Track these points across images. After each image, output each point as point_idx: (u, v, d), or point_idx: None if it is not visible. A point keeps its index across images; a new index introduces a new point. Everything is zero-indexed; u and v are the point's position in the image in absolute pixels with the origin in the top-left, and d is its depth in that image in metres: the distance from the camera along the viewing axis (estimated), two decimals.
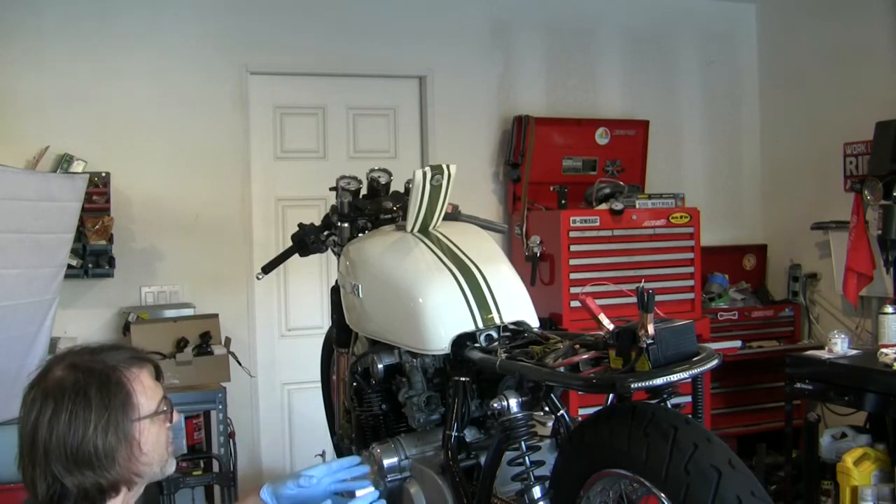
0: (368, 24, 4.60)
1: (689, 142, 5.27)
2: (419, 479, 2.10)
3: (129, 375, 1.59)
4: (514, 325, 2.09)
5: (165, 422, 1.64)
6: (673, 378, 1.55)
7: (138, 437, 1.58)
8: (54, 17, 4.09)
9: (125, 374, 1.59)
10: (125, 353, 1.65)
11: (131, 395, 1.58)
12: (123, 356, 1.63)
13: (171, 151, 4.27)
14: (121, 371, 1.58)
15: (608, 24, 5.08)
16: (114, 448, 1.53)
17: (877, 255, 4.18)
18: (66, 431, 1.51)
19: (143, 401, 1.60)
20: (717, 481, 1.44)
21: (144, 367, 1.65)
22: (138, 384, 1.60)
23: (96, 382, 1.54)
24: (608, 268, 4.26)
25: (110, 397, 1.54)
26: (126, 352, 1.66)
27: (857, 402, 3.52)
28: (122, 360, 1.61)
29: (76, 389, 1.52)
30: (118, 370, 1.58)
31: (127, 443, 1.56)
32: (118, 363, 1.60)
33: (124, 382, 1.57)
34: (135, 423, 1.57)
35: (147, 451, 1.60)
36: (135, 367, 1.62)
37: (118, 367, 1.59)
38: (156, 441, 1.62)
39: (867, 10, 4.57)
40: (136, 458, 1.57)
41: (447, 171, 2.26)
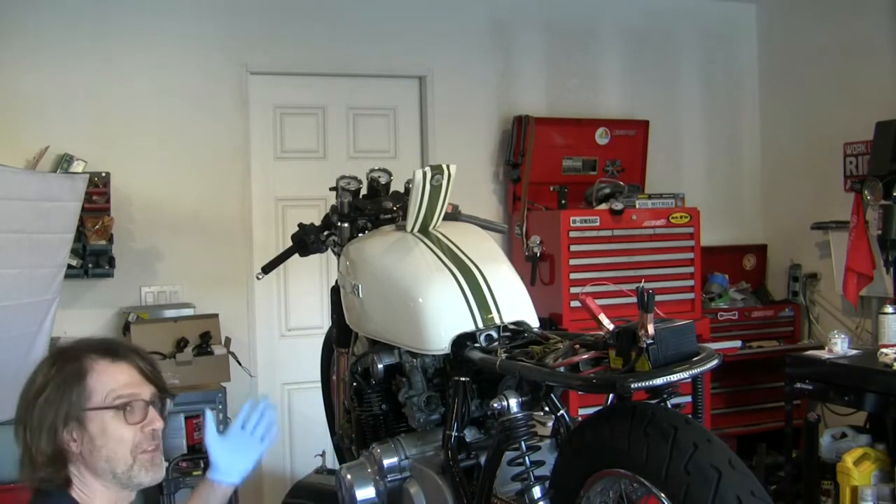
0: (368, 24, 4.60)
1: (689, 142, 5.27)
2: (419, 479, 2.10)
3: (94, 365, 1.64)
4: (514, 325, 2.09)
5: (127, 420, 1.63)
6: (673, 378, 1.55)
7: (89, 425, 1.62)
8: (54, 17, 4.09)
9: (90, 362, 1.64)
10: (107, 345, 1.70)
11: (85, 382, 1.62)
12: (101, 347, 1.68)
13: (171, 151, 4.26)
14: (87, 359, 1.64)
15: (608, 24, 5.08)
16: (63, 426, 1.60)
17: (877, 255, 4.18)
18: (35, 400, 1.62)
19: (99, 391, 1.63)
20: (717, 481, 1.44)
21: (120, 362, 1.67)
22: (101, 375, 1.64)
23: (62, 364, 1.64)
24: (608, 268, 4.26)
25: (67, 379, 1.62)
26: (109, 345, 1.70)
27: (857, 402, 3.52)
28: (97, 349, 1.67)
29: (51, 365, 1.65)
30: (85, 357, 1.64)
31: (79, 428, 1.61)
32: (90, 351, 1.66)
33: (84, 369, 1.63)
34: (86, 411, 1.61)
35: (100, 444, 1.62)
36: (105, 359, 1.66)
37: (87, 354, 1.65)
38: (112, 436, 1.62)
39: (867, 10, 4.57)
40: (89, 447, 1.62)
41: (447, 171, 2.26)
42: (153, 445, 1.67)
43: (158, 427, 1.68)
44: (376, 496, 2.16)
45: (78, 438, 1.62)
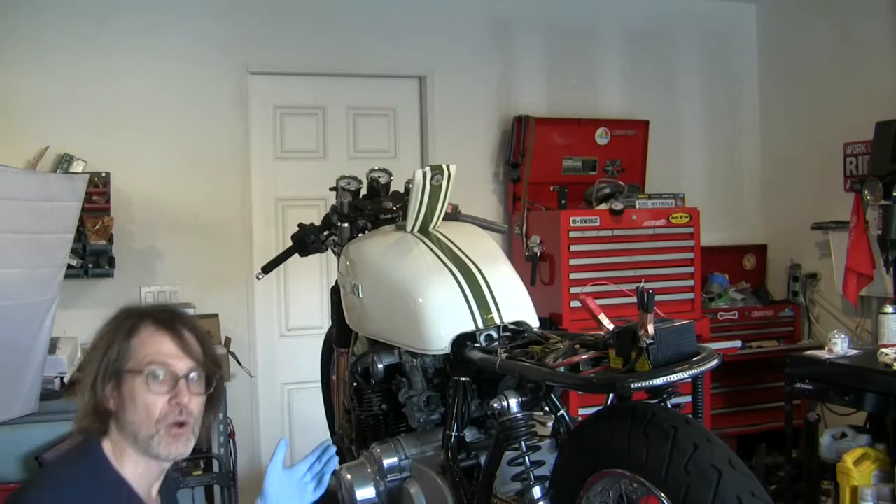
0: (368, 24, 4.60)
1: (689, 142, 5.27)
2: (419, 479, 2.10)
3: (143, 329, 1.70)
4: (514, 325, 2.09)
5: (151, 388, 1.65)
6: (673, 378, 1.55)
7: (123, 386, 1.66)
8: (54, 17, 4.09)
9: (141, 325, 1.70)
10: (162, 312, 1.75)
11: (129, 343, 1.68)
12: (156, 312, 1.74)
13: (171, 151, 4.26)
14: (140, 321, 1.71)
15: (608, 24, 5.08)
16: (103, 381, 1.66)
17: (877, 255, 4.18)
18: (91, 349, 1.74)
19: (137, 355, 1.67)
20: (717, 481, 1.44)
21: (166, 331, 1.71)
22: (145, 339, 1.69)
23: (121, 320, 1.72)
24: (608, 268, 4.26)
25: (116, 336, 1.69)
26: (164, 312, 1.75)
27: (857, 402, 3.52)
28: (152, 314, 1.73)
29: (112, 319, 1.74)
30: (139, 319, 1.71)
31: (116, 386, 1.66)
32: (146, 315, 1.72)
33: (133, 330, 1.69)
34: (122, 371, 1.66)
35: (129, 407, 1.66)
36: (154, 325, 1.71)
37: (142, 317, 1.71)
38: (139, 402, 1.65)
39: (867, 10, 4.57)
40: (121, 407, 1.67)
41: (447, 171, 2.26)
42: (179, 420, 1.68)
43: (186, 402, 1.68)
44: (376, 496, 2.16)
45: (114, 396, 1.67)
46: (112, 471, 1.67)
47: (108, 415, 1.68)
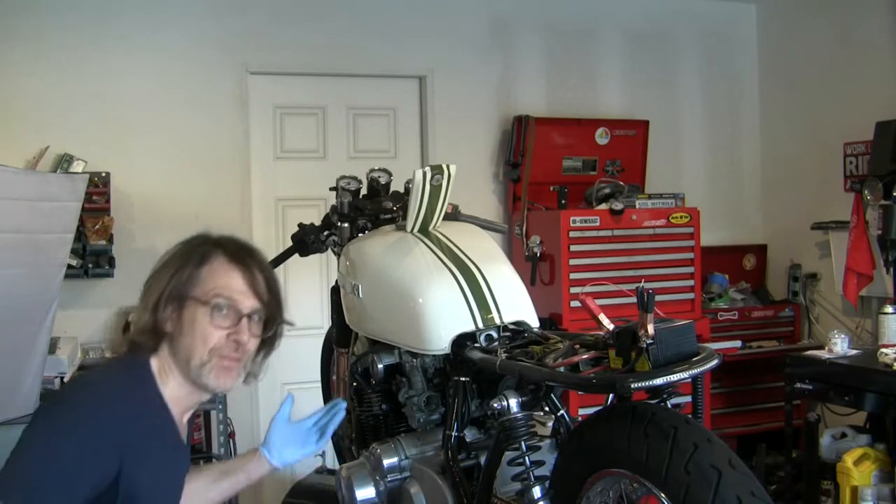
0: (368, 24, 4.60)
1: (689, 142, 5.27)
2: (419, 479, 2.10)
3: (216, 259, 1.71)
4: (514, 325, 2.09)
5: (214, 320, 1.66)
6: (673, 378, 1.54)
7: (184, 311, 1.67)
8: (54, 17, 4.09)
9: (214, 254, 1.71)
10: (239, 247, 1.75)
11: (199, 270, 1.69)
12: (232, 246, 1.75)
13: (171, 151, 4.26)
14: (214, 250, 1.72)
15: (608, 24, 5.08)
16: (165, 302, 1.67)
17: (877, 255, 4.18)
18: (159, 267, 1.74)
19: (205, 284, 1.68)
20: (717, 481, 1.44)
21: (238, 267, 1.71)
22: (215, 270, 1.70)
23: (194, 245, 1.74)
24: (608, 268, 4.26)
25: (187, 260, 1.71)
26: (241, 248, 1.76)
27: (857, 402, 3.52)
28: (227, 246, 1.74)
29: (186, 243, 1.76)
30: (213, 248, 1.72)
31: (177, 310, 1.67)
32: (221, 245, 1.73)
33: (206, 258, 1.70)
34: (186, 297, 1.67)
35: (187, 332, 1.67)
36: (227, 258, 1.71)
37: (217, 247, 1.72)
38: (198, 331, 1.66)
39: (867, 10, 4.57)
40: (178, 330, 1.67)
41: (447, 171, 2.26)
42: (234, 356, 1.69)
43: (244, 340, 1.70)
44: (376, 496, 2.16)
45: (173, 319, 1.68)
46: (155, 388, 1.69)
47: (163, 336, 1.69)
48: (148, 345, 1.70)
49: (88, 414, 1.59)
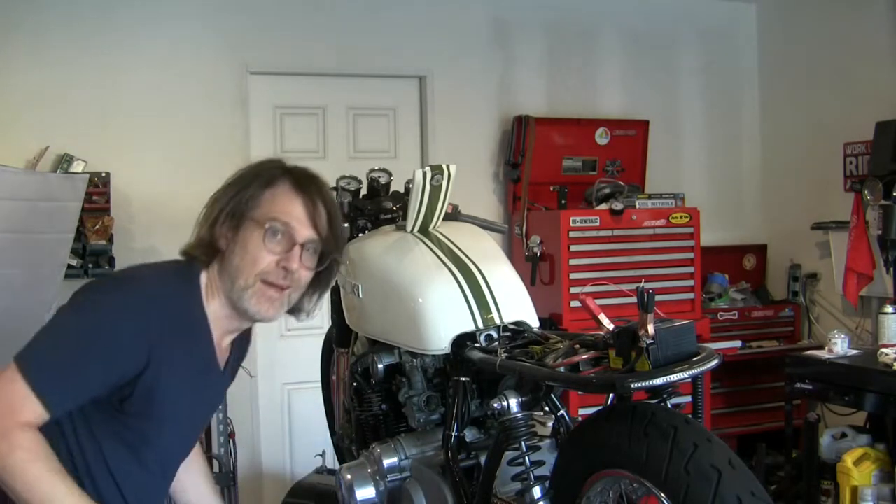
0: (368, 24, 4.60)
1: (689, 142, 5.27)
2: (419, 479, 2.10)
3: (281, 183, 1.70)
4: (514, 325, 2.09)
5: (266, 244, 1.65)
6: (673, 378, 1.54)
7: (240, 231, 1.67)
8: (54, 16, 4.09)
9: (281, 179, 1.70)
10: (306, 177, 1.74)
11: (262, 192, 1.68)
12: (301, 174, 1.73)
13: (172, 151, 4.26)
14: (281, 175, 1.71)
15: (608, 24, 5.08)
16: (223, 219, 1.68)
17: (877, 255, 4.18)
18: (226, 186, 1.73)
19: (265, 207, 1.67)
20: (717, 481, 1.44)
21: (301, 195, 1.70)
22: (278, 195, 1.69)
23: (264, 167, 1.73)
24: (608, 268, 4.26)
25: (252, 181, 1.70)
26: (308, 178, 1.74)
27: (857, 402, 3.52)
28: (295, 174, 1.73)
29: (258, 164, 1.75)
30: (281, 173, 1.71)
31: (233, 228, 1.67)
32: (290, 172, 1.72)
33: (271, 181, 1.69)
34: (244, 217, 1.67)
35: (239, 252, 1.66)
36: (292, 185, 1.70)
37: (286, 173, 1.72)
38: (249, 252, 1.65)
39: (867, 10, 4.57)
40: (231, 249, 1.68)
41: (447, 171, 2.25)
42: (281, 283, 1.68)
43: (293, 269, 1.67)
44: (376, 496, 2.16)
45: (228, 237, 1.68)
46: (199, 301, 1.69)
47: (217, 253, 1.69)
48: (201, 259, 1.70)
49: (131, 299, 1.60)
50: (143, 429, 1.66)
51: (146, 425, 1.65)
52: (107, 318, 1.58)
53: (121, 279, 1.71)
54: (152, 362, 1.58)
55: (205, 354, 1.71)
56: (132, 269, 1.75)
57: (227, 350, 1.81)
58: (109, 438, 1.64)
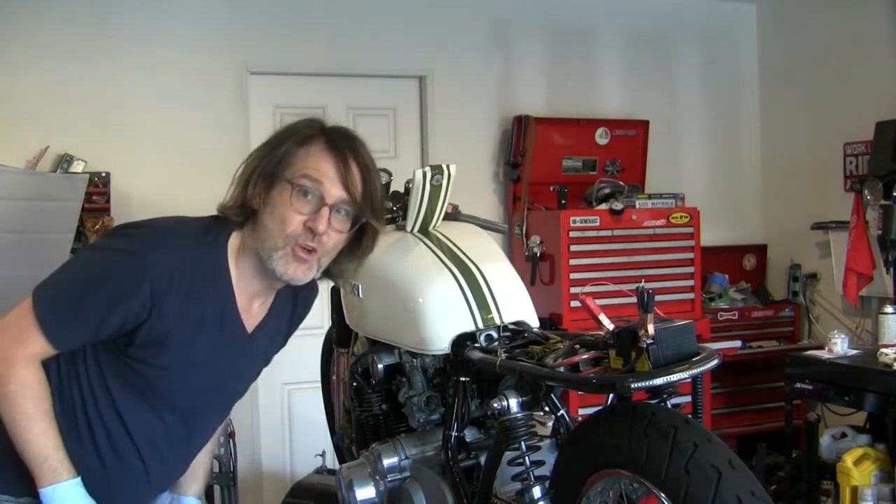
0: (368, 24, 4.60)
1: (689, 142, 5.27)
2: (419, 479, 2.10)
3: (315, 143, 1.65)
4: (514, 325, 2.09)
5: (293, 203, 1.61)
6: (673, 378, 1.54)
7: (272, 190, 1.63)
8: (54, 16, 4.09)
9: (315, 139, 1.66)
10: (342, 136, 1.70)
11: (296, 151, 1.64)
12: (336, 134, 1.69)
13: (172, 151, 4.26)
14: (315, 135, 1.66)
15: (608, 24, 5.08)
16: (255, 180, 1.63)
17: (877, 255, 4.18)
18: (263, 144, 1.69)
19: (296, 166, 1.63)
20: (717, 481, 1.44)
21: (334, 155, 1.65)
22: (311, 154, 1.64)
23: (300, 127, 1.68)
24: (608, 268, 4.26)
25: (286, 140, 1.65)
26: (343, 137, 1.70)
27: (857, 402, 3.52)
28: (330, 133, 1.68)
29: (294, 123, 1.70)
30: (316, 133, 1.67)
31: (266, 189, 1.64)
32: (325, 133, 1.68)
33: (305, 140, 1.65)
34: (279, 179, 1.63)
35: (269, 212, 1.63)
36: (325, 144, 1.66)
37: (321, 133, 1.67)
38: (278, 212, 1.62)
39: (867, 9, 4.57)
40: (264, 210, 1.64)
41: (447, 171, 2.26)
42: (309, 245, 1.64)
43: (321, 230, 1.62)
44: (376, 496, 2.16)
45: (261, 196, 1.64)
46: (222, 259, 1.68)
47: (251, 213, 1.66)
48: (235, 219, 1.68)
49: (140, 245, 1.61)
50: (150, 376, 1.64)
51: (153, 373, 1.64)
52: (113, 260, 1.60)
53: (142, 226, 1.72)
54: (155, 309, 1.58)
55: (223, 312, 1.69)
56: (160, 218, 1.76)
57: (261, 313, 1.79)
58: (119, 383, 1.64)
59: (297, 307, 1.95)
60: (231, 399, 1.94)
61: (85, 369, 1.64)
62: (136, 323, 1.58)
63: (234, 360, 1.78)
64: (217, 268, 1.67)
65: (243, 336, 1.76)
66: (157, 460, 1.73)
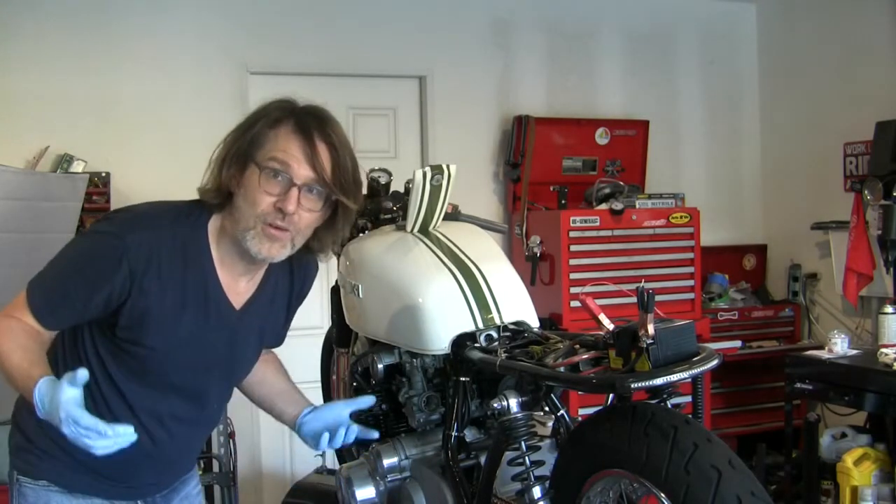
0: (368, 24, 4.60)
1: (689, 142, 5.27)
2: (419, 479, 2.10)
3: (285, 125, 1.69)
4: (514, 325, 2.09)
5: (261, 184, 1.65)
6: (673, 378, 1.54)
7: (245, 172, 1.67)
8: (54, 16, 4.09)
9: (286, 120, 1.70)
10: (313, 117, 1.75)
11: (267, 133, 1.68)
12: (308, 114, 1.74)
13: (171, 151, 4.26)
14: (287, 117, 1.71)
15: (608, 24, 5.08)
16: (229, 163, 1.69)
17: (877, 255, 4.18)
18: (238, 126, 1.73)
19: (267, 148, 1.67)
20: (717, 481, 1.44)
21: (302, 136, 1.68)
22: (280, 136, 1.68)
23: (273, 108, 1.72)
24: (608, 268, 4.26)
25: (257, 122, 1.70)
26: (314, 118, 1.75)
27: (857, 402, 3.52)
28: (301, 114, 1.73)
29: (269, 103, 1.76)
30: (288, 115, 1.71)
31: (239, 172, 1.68)
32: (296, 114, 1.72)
33: (277, 122, 1.69)
34: (250, 161, 1.67)
35: (242, 194, 1.67)
36: (294, 126, 1.69)
37: (293, 114, 1.71)
38: (248, 193, 1.66)
39: (867, 10, 4.57)
40: (237, 192, 1.68)
41: (447, 171, 2.25)
42: (280, 225, 1.67)
43: (290, 210, 1.65)
44: (376, 496, 2.16)
45: (236, 178, 1.69)
46: (201, 239, 1.72)
47: (228, 196, 1.71)
48: (213, 203, 1.73)
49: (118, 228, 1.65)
50: (141, 356, 1.70)
51: (142, 353, 1.69)
52: (94, 243, 1.68)
53: (125, 210, 1.77)
54: (135, 288, 1.63)
55: (205, 290, 1.72)
56: (143, 203, 1.81)
57: (249, 290, 1.82)
58: (117, 365, 1.71)
59: (295, 284, 1.99)
60: (233, 375, 1.98)
61: (85, 354, 1.71)
62: (119, 302, 1.63)
63: (223, 337, 1.81)
64: (197, 247, 1.71)
65: (231, 313, 1.80)
66: (166, 436, 1.79)
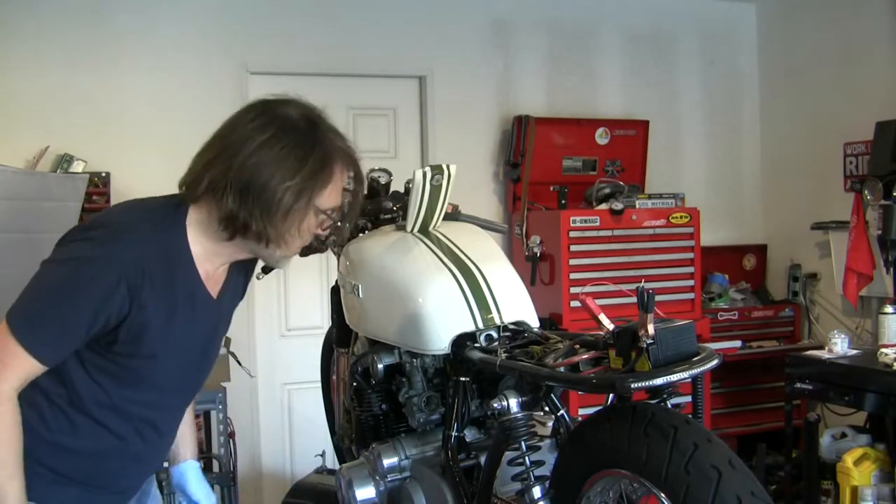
0: (368, 24, 4.60)
1: (689, 142, 5.27)
2: (419, 479, 2.10)
3: (338, 168, 1.71)
4: (514, 325, 2.09)
5: (321, 225, 1.72)
6: (673, 378, 1.54)
7: (301, 221, 1.68)
8: (54, 16, 4.09)
9: (338, 164, 1.71)
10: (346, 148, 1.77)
11: (326, 186, 1.68)
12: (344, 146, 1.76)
13: (171, 151, 4.21)
14: (337, 160, 1.71)
15: (608, 24, 5.08)
16: (284, 211, 1.64)
17: (877, 255, 4.18)
18: (265, 163, 1.64)
19: (328, 195, 1.69)
20: (717, 481, 1.44)
21: (349, 168, 1.74)
22: (335, 188, 1.71)
23: (316, 152, 1.68)
24: (608, 268, 4.26)
25: (315, 174, 1.65)
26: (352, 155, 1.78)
27: (857, 402, 3.52)
28: (342, 150, 1.74)
29: (299, 140, 1.69)
30: (336, 158, 1.71)
31: (294, 217, 1.66)
32: (338, 151, 1.73)
33: (333, 172, 1.69)
34: (311, 208, 1.67)
35: (286, 227, 1.66)
36: (345, 165, 1.74)
37: (337, 157, 1.72)
38: (305, 231, 1.70)
39: (867, 10, 4.57)
40: (284, 234, 1.67)
41: (447, 171, 2.25)
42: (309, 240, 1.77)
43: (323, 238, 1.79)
44: (376, 496, 2.16)
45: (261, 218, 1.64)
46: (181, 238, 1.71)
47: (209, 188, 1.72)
48: (192, 195, 1.74)
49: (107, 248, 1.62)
50: (139, 367, 1.70)
51: (141, 363, 1.69)
52: (84, 269, 1.61)
53: (99, 225, 1.72)
54: (135, 304, 1.62)
55: (189, 288, 1.74)
56: (113, 212, 1.82)
57: (222, 275, 1.85)
58: (105, 376, 1.68)
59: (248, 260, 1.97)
60: (212, 362, 1.99)
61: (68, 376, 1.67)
62: (118, 320, 1.62)
63: (209, 329, 1.86)
64: (178, 247, 1.72)
65: (212, 304, 1.83)
66: (156, 436, 1.80)
